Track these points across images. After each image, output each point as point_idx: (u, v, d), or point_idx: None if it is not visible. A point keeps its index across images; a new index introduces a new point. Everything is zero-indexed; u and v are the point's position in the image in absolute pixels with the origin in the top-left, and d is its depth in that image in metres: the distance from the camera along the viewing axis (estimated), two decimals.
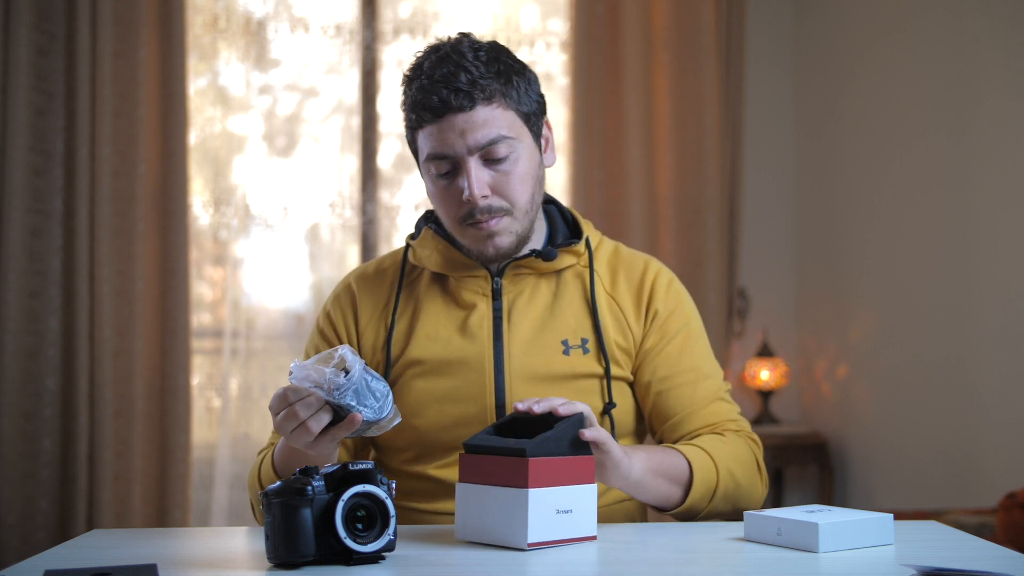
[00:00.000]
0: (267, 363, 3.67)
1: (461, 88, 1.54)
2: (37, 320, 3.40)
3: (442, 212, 1.62)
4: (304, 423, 1.36)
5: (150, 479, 3.46)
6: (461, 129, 1.55)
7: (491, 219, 1.58)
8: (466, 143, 1.56)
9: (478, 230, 1.58)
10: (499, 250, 1.60)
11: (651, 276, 1.70)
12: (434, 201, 1.63)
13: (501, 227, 1.59)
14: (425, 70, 1.58)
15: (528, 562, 1.29)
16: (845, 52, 3.87)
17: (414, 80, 1.59)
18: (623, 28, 3.76)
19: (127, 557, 1.32)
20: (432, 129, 1.57)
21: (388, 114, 3.80)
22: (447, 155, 1.57)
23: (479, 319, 1.64)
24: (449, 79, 1.55)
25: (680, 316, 1.69)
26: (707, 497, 1.56)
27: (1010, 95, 3.08)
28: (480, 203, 1.56)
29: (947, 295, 3.30)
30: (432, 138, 1.57)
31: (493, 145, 1.56)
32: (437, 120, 1.56)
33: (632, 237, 3.68)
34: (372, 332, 1.68)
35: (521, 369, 1.61)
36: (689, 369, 1.67)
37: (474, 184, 1.55)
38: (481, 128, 1.56)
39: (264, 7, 3.70)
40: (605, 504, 1.66)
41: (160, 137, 3.50)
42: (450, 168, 1.58)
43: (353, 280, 1.73)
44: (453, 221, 1.60)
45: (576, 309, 1.66)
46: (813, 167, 4.03)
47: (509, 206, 1.59)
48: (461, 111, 1.55)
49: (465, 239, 1.61)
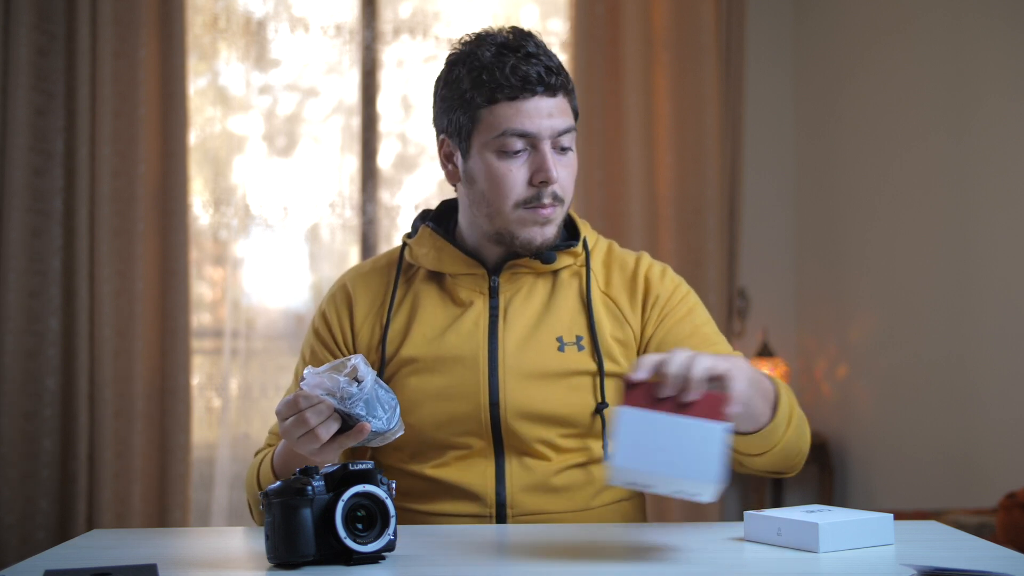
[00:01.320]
0: (267, 363, 3.67)
1: (552, 70, 1.56)
2: (37, 320, 3.39)
3: (499, 192, 1.59)
4: (313, 430, 1.37)
5: (150, 479, 3.46)
6: (548, 111, 1.57)
7: (552, 206, 1.59)
8: (552, 126, 1.57)
9: (537, 214, 1.59)
10: (546, 239, 1.61)
11: (643, 268, 1.71)
12: (492, 180, 1.59)
13: (555, 216, 1.61)
14: (510, 46, 1.57)
15: (525, 562, 1.29)
16: (845, 52, 3.87)
17: (497, 55, 1.56)
18: (623, 28, 3.76)
19: (127, 557, 1.32)
20: (518, 105, 1.56)
21: (388, 114, 3.80)
22: (529, 133, 1.57)
23: (475, 317, 1.64)
24: (541, 59, 1.56)
25: (679, 295, 1.71)
26: (786, 418, 1.51)
27: (1010, 95, 3.08)
28: (555, 188, 1.58)
29: (947, 295, 3.30)
30: (517, 114, 1.56)
31: (567, 134, 1.59)
32: (526, 97, 1.56)
33: (632, 237, 3.68)
34: (368, 330, 1.68)
35: (515, 366, 1.62)
36: (702, 336, 1.68)
37: (556, 168, 1.57)
38: (562, 115, 1.58)
39: (264, 7, 3.70)
40: (603, 504, 1.66)
41: (160, 137, 3.50)
42: (523, 147, 1.58)
43: (348, 279, 1.74)
44: (511, 203, 1.59)
45: (572, 307, 1.66)
46: (813, 167, 4.03)
47: (564, 197, 1.61)
48: (550, 93, 1.56)
49: (515, 223, 1.60)
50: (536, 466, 1.62)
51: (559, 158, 1.59)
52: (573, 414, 1.62)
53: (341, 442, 1.38)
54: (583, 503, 1.64)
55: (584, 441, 1.64)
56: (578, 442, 1.64)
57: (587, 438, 1.64)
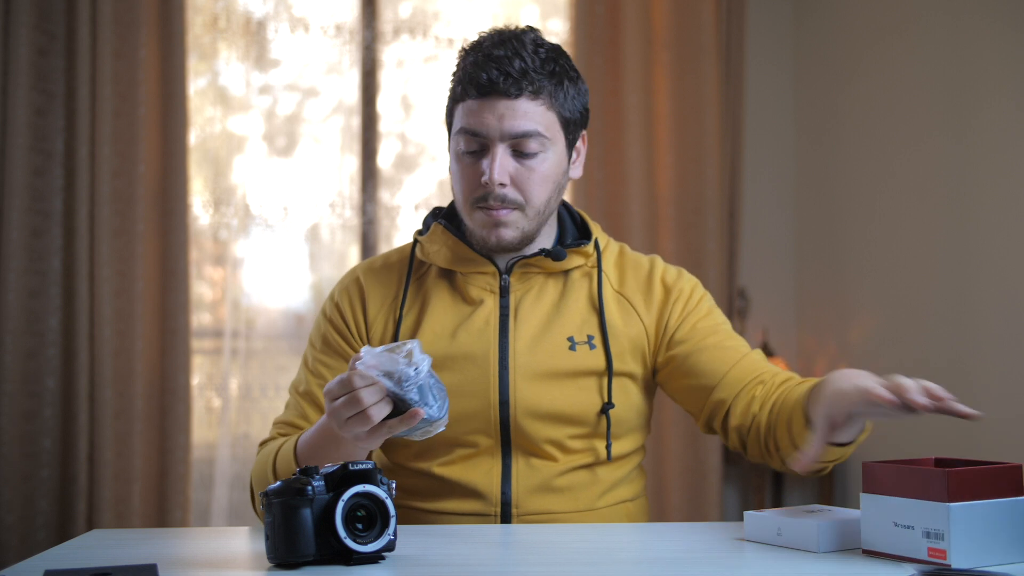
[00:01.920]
0: (267, 363, 3.67)
1: (511, 74, 1.56)
2: (37, 320, 3.39)
3: (457, 189, 1.63)
4: (366, 410, 1.33)
5: (150, 479, 3.46)
6: (500, 113, 1.57)
7: (502, 208, 1.59)
8: (501, 128, 1.57)
9: (487, 215, 1.60)
10: (501, 241, 1.61)
11: (660, 269, 1.73)
12: (453, 176, 1.64)
13: (510, 219, 1.60)
14: (483, 47, 1.60)
15: (525, 562, 1.29)
16: (845, 52, 3.87)
17: (469, 54, 1.61)
18: (623, 28, 3.76)
19: (127, 557, 1.32)
20: (472, 105, 1.58)
21: (388, 114, 3.80)
22: (479, 133, 1.58)
23: (486, 315, 1.64)
24: (503, 62, 1.57)
25: (698, 295, 1.73)
26: (859, 441, 1.54)
27: (1010, 96, 3.08)
28: (496, 190, 1.58)
29: (947, 295, 3.30)
30: (470, 114, 1.58)
31: (525, 138, 1.58)
32: (480, 98, 1.58)
33: (632, 237, 3.68)
34: (380, 326, 1.68)
35: (525, 365, 1.62)
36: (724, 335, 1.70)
37: (496, 169, 1.57)
38: (519, 118, 1.58)
39: (264, 7, 3.70)
40: (607, 505, 1.66)
41: (160, 137, 3.50)
42: (477, 147, 1.59)
43: (361, 272, 1.74)
44: (466, 200, 1.61)
45: (583, 307, 1.67)
46: (813, 167, 4.03)
47: (523, 201, 1.60)
48: (505, 96, 1.57)
49: (472, 221, 1.62)
50: (542, 466, 1.62)
51: (520, 162, 1.59)
52: (581, 414, 1.63)
53: (391, 427, 1.35)
54: (587, 503, 1.64)
55: (591, 442, 1.65)
56: (585, 443, 1.64)
57: (593, 438, 1.65)
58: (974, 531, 1.20)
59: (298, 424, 1.67)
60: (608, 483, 1.66)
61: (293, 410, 1.69)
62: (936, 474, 1.21)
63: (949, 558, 1.19)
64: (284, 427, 1.68)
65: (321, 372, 1.68)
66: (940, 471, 1.22)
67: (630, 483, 1.70)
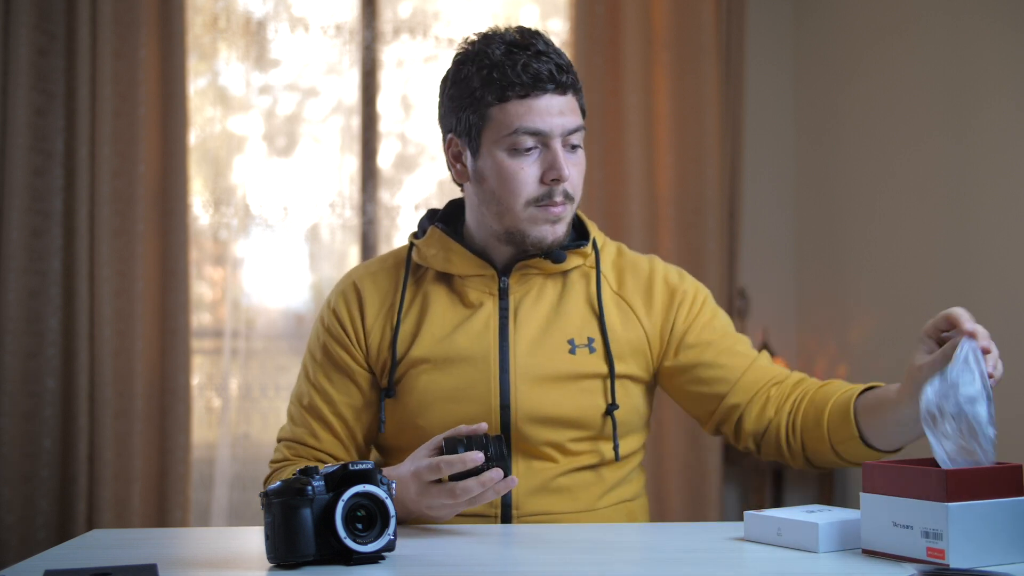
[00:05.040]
0: (267, 363, 3.67)
1: (563, 68, 1.56)
2: (37, 320, 3.39)
3: (510, 190, 1.59)
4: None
5: (150, 479, 3.46)
6: (560, 109, 1.57)
7: (563, 204, 1.59)
8: (563, 124, 1.57)
9: (549, 213, 1.59)
10: (557, 237, 1.62)
11: (660, 270, 1.73)
12: (503, 178, 1.59)
13: (566, 214, 1.61)
14: (519, 45, 1.57)
15: (525, 562, 1.29)
16: (845, 52, 3.87)
17: (496, 53, 1.56)
18: (623, 28, 3.76)
19: (127, 557, 1.32)
20: (530, 103, 1.56)
21: (388, 114, 3.80)
22: (540, 132, 1.57)
23: (485, 318, 1.64)
24: (550, 57, 1.56)
25: (702, 296, 1.73)
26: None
27: (1010, 96, 3.08)
28: (566, 187, 1.58)
29: (947, 296, 3.30)
30: (528, 112, 1.56)
31: (577, 133, 1.59)
32: (537, 94, 1.56)
33: (632, 237, 3.68)
34: (378, 331, 1.67)
35: (526, 369, 1.61)
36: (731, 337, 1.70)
37: (567, 166, 1.57)
38: (573, 113, 1.59)
39: (264, 7, 3.70)
40: (608, 505, 1.66)
41: (160, 137, 3.50)
42: (535, 145, 1.58)
43: (357, 277, 1.73)
44: (522, 201, 1.59)
45: (582, 309, 1.66)
46: (813, 167, 4.03)
47: (575, 196, 1.61)
48: (561, 92, 1.56)
49: (526, 221, 1.60)
50: (542, 467, 1.62)
51: (569, 156, 1.59)
52: (584, 417, 1.62)
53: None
54: (587, 504, 1.64)
55: (595, 444, 1.64)
56: (588, 444, 1.64)
57: (598, 440, 1.64)
58: (972, 531, 1.20)
59: (309, 443, 1.68)
60: (609, 483, 1.66)
61: (301, 427, 1.69)
62: (935, 474, 1.22)
63: (947, 558, 1.19)
64: (294, 446, 1.68)
65: (323, 386, 1.68)
66: (938, 471, 1.22)
67: (631, 483, 1.70)
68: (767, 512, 1.37)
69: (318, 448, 1.67)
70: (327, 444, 1.67)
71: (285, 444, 1.69)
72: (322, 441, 1.67)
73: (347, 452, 1.68)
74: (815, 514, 1.35)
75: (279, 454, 1.69)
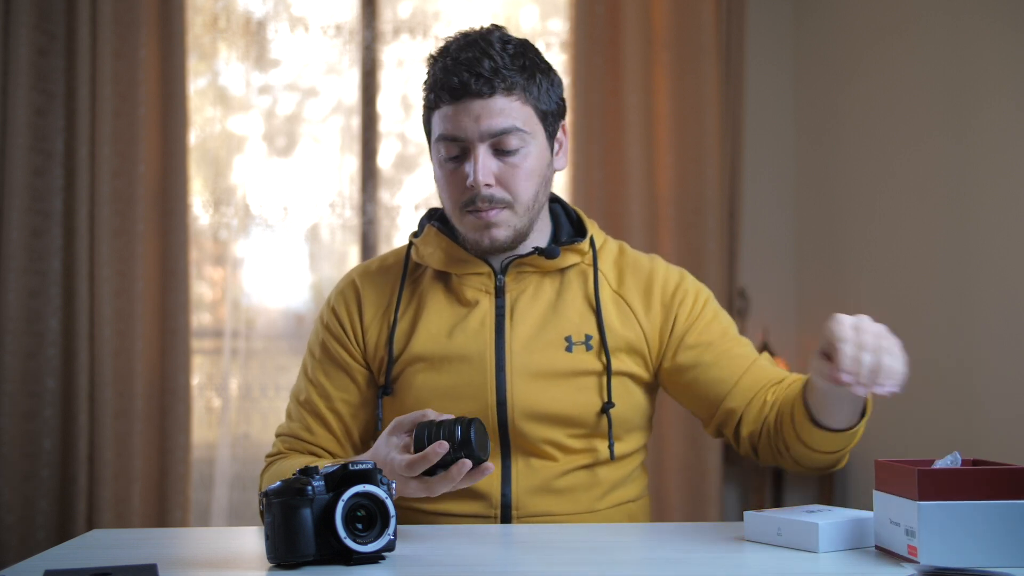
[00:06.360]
0: (267, 363, 3.67)
1: (483, 74, 1.56)
2: (37, 320, 3.39)
3: (444, 196, 1.63)
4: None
5: (150, 479, 3.46)
6: (476, 114, 1.57)
7: (491, 209, 1.59)
8: (479, 129, 1.57)
9: (477, 218, 1.60)
10: (494, 242, 1.61)
11: (661, 270, 1.72)
12: (438, 184, 1.64)
13: (500, 219, 1.60)
14: (451, 52, 1.59)
15: (525, 562, 1.29)
16: (845, 52, 3.87)
17: (438, 60, 1.61)
18: (623, 28, 3.76)
19: (127, 557, 1.32)
20: (448, 111, 1.58)
21: (388, 114, 3.80)
22: (458, 138, 1.58)
23: (481, 316, 1.64)
24: (472, 64, 1.56)
25: (704, 297, 1.73)
26: (864, 424, 1.56)
27: (1010, 96, 3.08)
28: (483, 191, 1.58)
29: (947, 295, 3.30)
30: (446, 120, 1.58)
31: (505, 135, 1.58)
32: (454, 102, 1.57)
33: (632, 237, 3.68)
34: (376, 329, 1.68)
35: (522, 366, 1.62)
36: (732, 338, 1.70)
37: (480, 170, 1.57)
38: (496, 116, 1.57)
39: (264, 7, 3.70)
40: (608, 506, 1.66)
41: (160, 137, 3.50)
42: (459, 152, 1.59)
43: (356, 277, 1.74)
44: (454, 206, 1.61)
45: (579, 306, 1.66)
46: (813, 167, 4.03)
47: (511, 199, 1.60)
48: (479, 96, 1.56)
49: (463, 226, 1.62)
50: (542, 467, 1.62)
51: (501, 160, 1.59)
52: (580, 414, 1.63)
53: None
54: (588, 505, 1.64)
55: (591, 442, 1.64)
56: (585, 442, 1.64)
57: (594, 438, 1.64)
58: (944, 531, 1.21)
59: (303, 437, 1.69)
60: (609, 484, 1.66)
61: (297, 422, 1.70)
62: (909, 472, 1.22)
63: (919, 555, 1.20)
64: (289, 440, 1.69)
65: (321, 382, 1.69)
66: (912, 470, 1.23)
67: (632, 483, 1.70)
68: (767, 512, 1.37)
69: (312, 442, 1.68)
70: (321, 439, 1.68)
71: (281, 439, 1.70)
72: (316, 436, 1.68)
73: (342, 448, 1.69)
74: (815, 514, 1.35)
75: (274, 448, 1.71)
